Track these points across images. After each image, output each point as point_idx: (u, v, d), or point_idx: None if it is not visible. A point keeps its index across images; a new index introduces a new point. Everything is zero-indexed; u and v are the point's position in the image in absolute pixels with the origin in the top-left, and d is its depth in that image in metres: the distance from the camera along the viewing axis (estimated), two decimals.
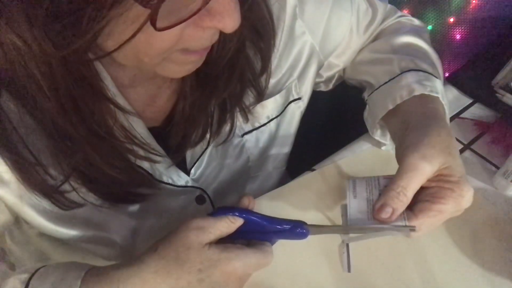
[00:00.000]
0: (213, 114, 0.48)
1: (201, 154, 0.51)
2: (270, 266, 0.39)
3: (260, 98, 0.51)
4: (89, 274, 0.36)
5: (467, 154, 0.60)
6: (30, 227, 0.46)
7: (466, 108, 0.68)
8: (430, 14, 0.88)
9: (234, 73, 0.45)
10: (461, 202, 0.38)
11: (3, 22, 0.28)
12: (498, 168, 0.57)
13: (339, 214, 0.44)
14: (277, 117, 0.56)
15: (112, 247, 0.50)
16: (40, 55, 0.30)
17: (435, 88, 0.47)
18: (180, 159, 0.49)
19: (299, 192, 0.53)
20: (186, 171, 0.51)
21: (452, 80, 0.72)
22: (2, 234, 0.48)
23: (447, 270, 0.46)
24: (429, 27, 0.89)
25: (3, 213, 0.43)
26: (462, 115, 0.66)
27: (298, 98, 0.57)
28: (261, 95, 0.51)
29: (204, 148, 0.51)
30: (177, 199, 0.52)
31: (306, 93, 0.58)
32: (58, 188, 0.40)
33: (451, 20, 0.88)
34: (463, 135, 0.63)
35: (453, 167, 0.39)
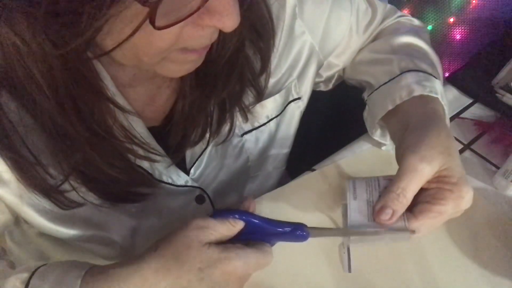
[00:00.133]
0: (212, 113, 0.48)
1: (200, 154, 0.51)
2: (270, 266, 0.39)
3: (259, 98, 0.51)
4: (89, 274, 0.36)
5: (467, 154, 0.60)
6: (30, 227, 0.46)
7: (466, 108, 0.68)
8: (430, 14, 0.88)
9: (233, 72, 0.45)
10: (460, 203, 0.38)
11: (2, 21, 0.28)
12: (498, 168, 0.57)
13: (340, 214, 0.44)
14: (276, 117, 0.56)
15: (112, 247, 0.50)
16: (39, 54, 0.30)
17: (435, 88, 0.47)
18: (179, 159, 0.49)
19: (299, 192, 0.53)
20: (186, 171, 0.51)
21: (452, 80, 0.72)
22: (2, 234, 0.48)
23: (447, 270, 0.46)
24: (429, 27, 0.89)
25: (3, 213, 0.43)
26: (462, 115, 0.66)
27: (298, 98, 0.57)
28: (260, 95, 0.51)
29: (203, 147, 0.51)
30: (176, 199, 0.52)
31: (305, 93, 0.58)
32: (58, 187, 0.40)
33: (451, 20, 0.88)
34: (463, 135, 0.63)
35: (452, 168, 0.38)
